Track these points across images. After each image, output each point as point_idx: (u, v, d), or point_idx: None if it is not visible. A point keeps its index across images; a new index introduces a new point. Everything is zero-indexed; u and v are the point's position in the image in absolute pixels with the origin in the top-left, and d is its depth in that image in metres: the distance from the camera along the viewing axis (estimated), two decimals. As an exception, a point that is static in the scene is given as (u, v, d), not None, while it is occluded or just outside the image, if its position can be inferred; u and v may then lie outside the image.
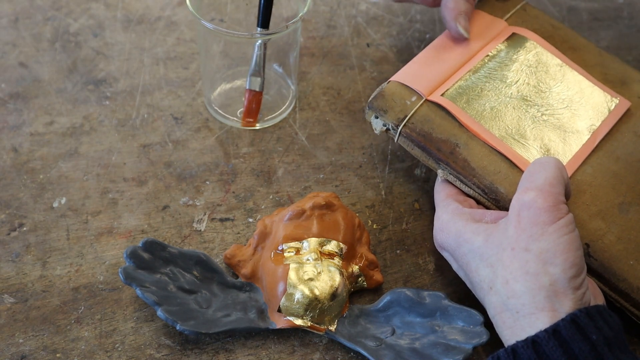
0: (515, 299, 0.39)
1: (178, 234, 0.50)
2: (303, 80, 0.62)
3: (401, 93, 0.51)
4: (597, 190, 0.48)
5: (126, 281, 0.43)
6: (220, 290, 0.46)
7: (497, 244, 0.41)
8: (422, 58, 0.54)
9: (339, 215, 0.48)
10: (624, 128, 0.52)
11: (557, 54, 0.55)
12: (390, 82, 0.52)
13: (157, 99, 0.59)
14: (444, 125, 0.49)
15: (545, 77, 0.53)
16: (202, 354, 0.44)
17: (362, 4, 0.70)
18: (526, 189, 0.41)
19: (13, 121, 0.56)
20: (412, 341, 0.44)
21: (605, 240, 0.46)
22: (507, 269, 0.40)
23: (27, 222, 0.50)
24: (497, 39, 0.55)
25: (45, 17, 0.65)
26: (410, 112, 0.50)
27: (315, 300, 0.44)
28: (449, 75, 0.52)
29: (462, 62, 0.53)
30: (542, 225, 0.39)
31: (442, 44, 0.55)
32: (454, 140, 0.49)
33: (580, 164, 0.49)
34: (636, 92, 0.54)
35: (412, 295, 0.46)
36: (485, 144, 0.49)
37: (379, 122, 0.51)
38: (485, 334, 0.43)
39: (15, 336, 0.44)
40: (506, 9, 0.58)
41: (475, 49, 0.54)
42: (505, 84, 0.52)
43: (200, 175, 0.54)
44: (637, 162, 0.50)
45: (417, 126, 0.49)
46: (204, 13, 0.56)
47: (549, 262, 0.39)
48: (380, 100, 0.51)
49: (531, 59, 0.54)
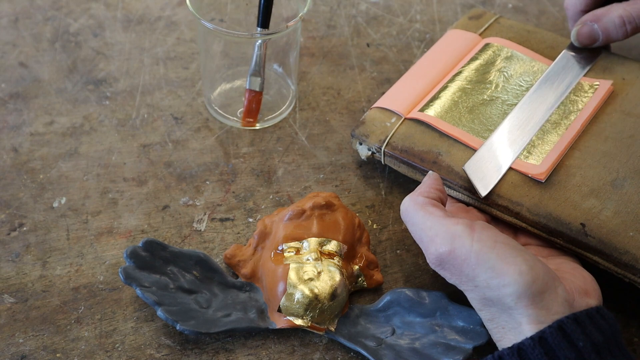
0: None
1: (178, 234, 0.50)
2: (303, 80, 0.62)
3: (381, 117, 0.53)
4: (586, 172, 0.48)
5: (126, 281, 0.43)
6: (220, 290, 0.46)
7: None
8: (400, 83, 0.57)
9: (339, 215, 0.48)
10: (610, 109, 0.53)
11: (531, 54, 0.57)
12: (371, 109, 0.54)
13: (157, 99, 0.59)
14: (424, 139, 0.51)
15: (520, 76, 0.55)
16: (202, 354, 0.44)
17: (362, 4, 0.70)
18: (425, 248, 0.42)
19: (13, 121, 0.56)
20: (412, 341, 0.44)
21: (601, 217, 0.46)
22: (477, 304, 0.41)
23: (27, 222, 0.50)
24: (471, 51, 0.58)
25: (45, 17, 0.65)
26: (391, 132, 0.52)
27: (315, 300, 0.44)
28: (427, 93, 0.55)
29: (439, 79, 0.56)
30: (465, 258, 0.40)
31: (420, 66, 0.57)
32: (436, 150, 0.50)
33: (567, 149, 0.50)
34: (620, 74, 0.56)
35: (412, 295, 0.46)
36: (467, 147, 0.50)
37: (363, 148, 0.53)
38: (485, 334, 0.43)
39: (15, 336, 0.44)
40: (480, 25, 0.61)
41: (452, 64, 0.57)
42: (481, 86, 0.54)
43: (200, 175, 0.54)
44: (627, 138, 0.51)
45: (399, 144, 0.51)
46: (204, 13, 0.56)
47: (490, 287, 0.39)
48: (362, 127, 0.53)
49: (506, 62, 0.56)
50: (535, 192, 0.47)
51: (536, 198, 0.47)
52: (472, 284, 0.40)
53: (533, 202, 0.47)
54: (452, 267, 0.41)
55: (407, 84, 0.56)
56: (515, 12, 0.72)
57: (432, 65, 0.57)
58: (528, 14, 0.72)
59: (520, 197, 0.47)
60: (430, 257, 0.41)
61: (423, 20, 0.69)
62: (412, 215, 0.43)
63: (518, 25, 0.61)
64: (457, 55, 0.57)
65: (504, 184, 0.48)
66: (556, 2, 0.74)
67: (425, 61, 0.58)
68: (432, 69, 0.56)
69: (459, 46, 0.58)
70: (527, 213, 0.47)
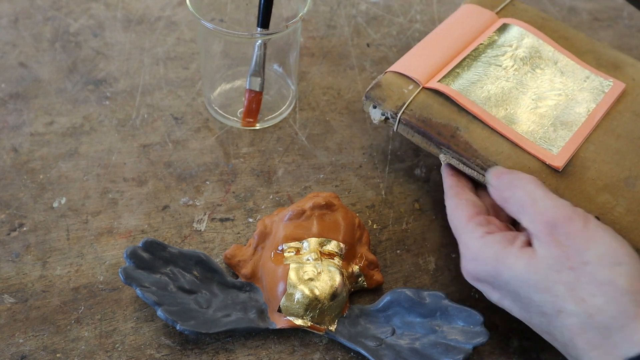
0: (601, 315, 0.36)
1: (178, 234, 0.50)
2: (303, 80, 0.62)
3: (398, 82, 0.52)
4: (601, 166, 0.48)
5: (126, 281, 0.43)
6: (220, 290, 0.46)
7: (545, 267, 0.38)
8: (417, 49, 0.55)
9: (339, 215, 0.48)
10: (622, 108, 0.53)
11: (549, 41, 0.56)
12: (387, 72, 0.53)
13: (157, 99, 0.59)
14: (443, 111, 0.50)
15: (539, 62, 0.54)
16: (202, 354, 0.44)
17: (362, 4, 0.70)
18: (539, 211, 0.40)
19: (13, 121, 0.56)
20: (412, 341, 0.44)
21: (614, 212, 0.46)
22: (576, 287, 0.37)
23: (27, 222, 0.50)
24: (489, 29, 0.56)
25: (45, 17, 0.65)
26: (409, 100, 0.50)
27: (315, 300, 0.44)
28: (445, 64, 0.53)
29: (456, 51, 0.54)
30: (580, 233, 0.38)
31: (436, 36, 0.56)
32: (454, 124, 0.49)
33: (583, 141, 0.49)
34: (630, 75, 0.55)
35: (412, 295, 0.46)
36: (485, 125, 0.49)
37: (377, 112, 0.51)
38: (485, 334, 0.43)
39: (15, 336, 0.44)
40: (495, 4, 0.59)
41: (469, 39, 0.56)
42: (500, 68, 0.53)
43: (200, 175, 0.54)
44: (638, 139, 0.51)
45: (416, 112, 0.50)
46: (204, 13, 0.56)
47: (613, 262, 0.37)
48: (377, 90, 0.51)
49: (524, 45, 0.55)
50: (551, 180, 0.47)
51: (552, 186, 0.47)
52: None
53: (549, 190, 0.46)
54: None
55: (423, 52, 0.54)
56: (515, 12, 0.72)
57: (448, 37, 0.55)
58: (528, 14, 0.72)
59: None
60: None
61: (423, 20, 0.69)
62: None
63: (532, 10, 0.60)
64: (474, 31, 0.56)
65: (522, 168, 0.47)
66: (556, 2, 0.74)
67: (441, 32, 0.56)
68: (449, 41, 0.55)
69: (476, 22, 0.57)
70: None
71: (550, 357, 0.46)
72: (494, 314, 0.47)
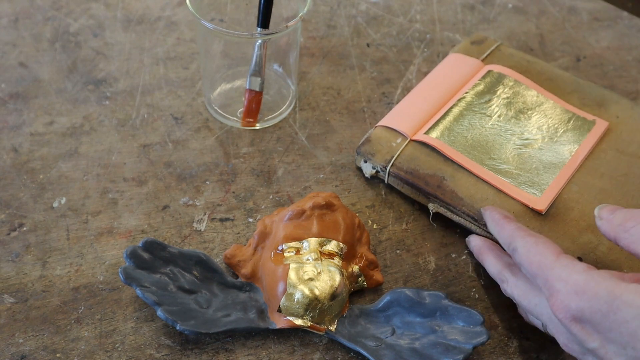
0: None
1: (178, 234, 0.50)
2: (303, 80, 0.62)
3: (387, 136, 0.54)
4: (584, 207, 0.50)
5: (126, 281, 0.43)
6: (220, 290, 0.46)
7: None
8: (405, 102, 0.57)
9: (339, 215, 0.48)
10: (605, 146, 0.54)
11: (533, 86, 0.58)
12: (377, 127, 0.55)
13: (157, 99, 0.59)
14: (430, 161, 0.52)
15: (523, 107, 0.56)
16: (202, 354, 0.44)
17: (362, 4, 0.70)
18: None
19: (13, 121, 0.56)
20: (412, 341, 0.44)
21: (597, 252, 0.47)
22: None
23: (27, 222, 0.50)
24: (474, 77, 0.58)
25: (45, 17, 0.65)
26: (397, 153, 0.53)
27: (315, 300, 0.44)
28: (431, 115, 0.55)
29: (443, 102, 0.56)
30: None
31: (423, 88, 0.58)
32: (440, 174, 0.51)
33: (566, 183, 0.51)
34: (614, 112, 0.57)
35: (412, 295, 0.46)
36: (470, 174, 0.51)
37: (368, 166, 0.53)
38: (485, 334, 0.43)
39: (15, 336, 0.44)
40: (482, 51, 0.61)
41: (455, 88, 0.58)
42: (485, 116, 0.55)
43: (200, 175, 0.54)
44: (621, 176, 0.52)
45: (404, 165, 0.52)
46: (204, 13, 0.56)
47: None
48: (367, 145, 0.54)
49: (508, 91, 0.57)
50: (535, 223, 0.48)
51: (536, 229, 0.48)
52: None
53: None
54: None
55: (411, 104, 0.56)
56: (515, 12, 0.72)
57: (435, 88, 0.57)
58: (528, 14, 0.72)
59: None
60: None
61: (423, 20, 0.69)
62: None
63: (518, 54, 0.62)
64: (460, 80, 0.58)
65: None
66: (556, 2, 0.74)
67: (429, 83, 0.58)
68: (436, 91, 0.57)
69: (462, 71, 0.59)
70: None
71: (550, 357, 0.46)
72: (494, 314, 0.47)
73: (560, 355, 0.46)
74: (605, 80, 0.66)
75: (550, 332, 0.41)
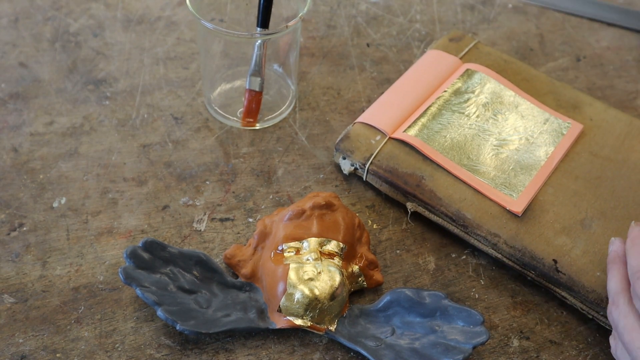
0: None
1: (178, 234, 0.50)
2: (303, 80, 0.62)
3: (366, 133, 0.54)
4: (559, 209, 0.50)
5: (126, 281, 0.43)
6: (220, 290, 0.46)
7: None
8: (384, 99, 0.57)
9: (339, 215, 0.48)
10: (580, 149, 0.54)
11: (510, 86, 0.58)
12: (355, 124, 0.55)
13: (157, 99, 0.59)
14: (409, 160, 0.52)
15: (500, 107, 0.56)
16: (202, 354, 0.44)
17: (362, 4, 0.70)
18: None
19: (13, 121, 0.56)
20: (412, 341, 0.44)
21: (572, 255, 0.48)
22: None
23: (27, 222, 0.50)
24: (453, 75, 0.58)
25: (45, 17, 0.65)
26: (376, 150, 0.52)
27: (315, 300, 0.44)
28: (410, 113, 0.55)
29: (422, 99, 0.56)
30: None
31: (402, 84, 0.58)
32: (420, 173, 0.51)
33: (542, 185, 0.51)
34: (588, 115, 0.57)
35: (412, 295, 0.46)
36: (449, 174, 0.51)
37: (346, 163, 0.53)
38: (485, 334, 0.43)
39: (15, 336, 0.44)
40: (460, 48, 0.61)
41: (434, 86, 0.58)
42: (463, 115, 0.55)
43: (200, 175, 0.54)
44: (595, 179, 0.52)
45: (383, 163, 0.52)
46: (204, 13, 0.56)
47: None
48: (346, 142, 0.53)
49: (486, 91, 0.57)
50: (512, 225, 0.49)
51: (513, 231, 0.48)
52: None
53: (510, 234, 0.48)
54: None
55: (390, 101, 0.56)
56: (515, 12, 0.72)
57: (414, 85, 0.57)
58: (528, 14, 0.72)
59: (498, 228, 0.49)
60: None
61: (423, 20, 0.69)
62: None
63: (495, 53, 0.62)
64: (439, 77, 0.58)
65: (484, 214, 0.49)
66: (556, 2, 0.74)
67: (407, 79, 0.58)
68: (415, 89, 0.57)
69: (441, 68, 0.59)
70: (504, 245, 0.48)
71: (550, 357, 0.46)
72: (494, 314, 0.47)
73: (560, 356, 0.46)
74: (605, 80, 0.66)
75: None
